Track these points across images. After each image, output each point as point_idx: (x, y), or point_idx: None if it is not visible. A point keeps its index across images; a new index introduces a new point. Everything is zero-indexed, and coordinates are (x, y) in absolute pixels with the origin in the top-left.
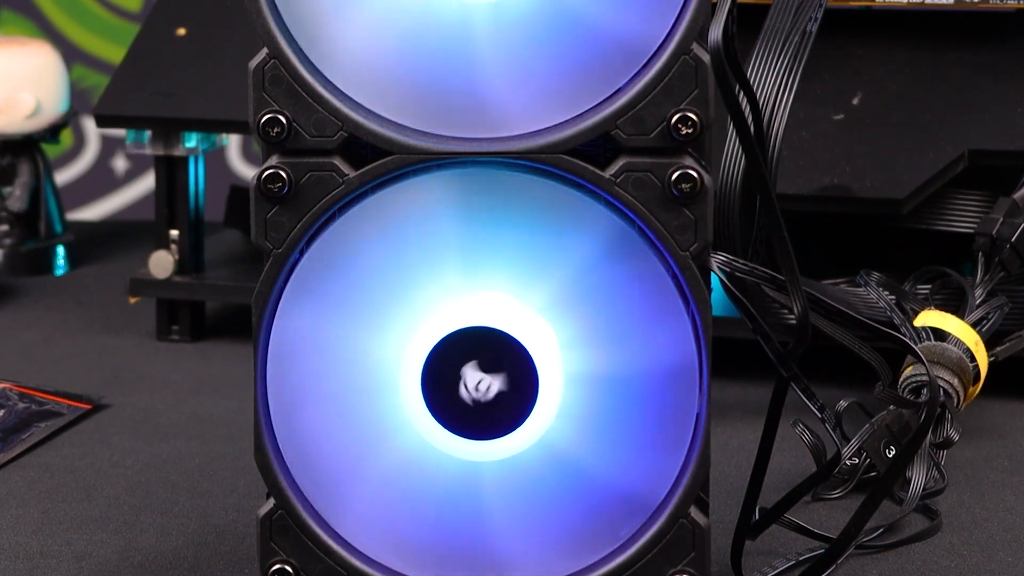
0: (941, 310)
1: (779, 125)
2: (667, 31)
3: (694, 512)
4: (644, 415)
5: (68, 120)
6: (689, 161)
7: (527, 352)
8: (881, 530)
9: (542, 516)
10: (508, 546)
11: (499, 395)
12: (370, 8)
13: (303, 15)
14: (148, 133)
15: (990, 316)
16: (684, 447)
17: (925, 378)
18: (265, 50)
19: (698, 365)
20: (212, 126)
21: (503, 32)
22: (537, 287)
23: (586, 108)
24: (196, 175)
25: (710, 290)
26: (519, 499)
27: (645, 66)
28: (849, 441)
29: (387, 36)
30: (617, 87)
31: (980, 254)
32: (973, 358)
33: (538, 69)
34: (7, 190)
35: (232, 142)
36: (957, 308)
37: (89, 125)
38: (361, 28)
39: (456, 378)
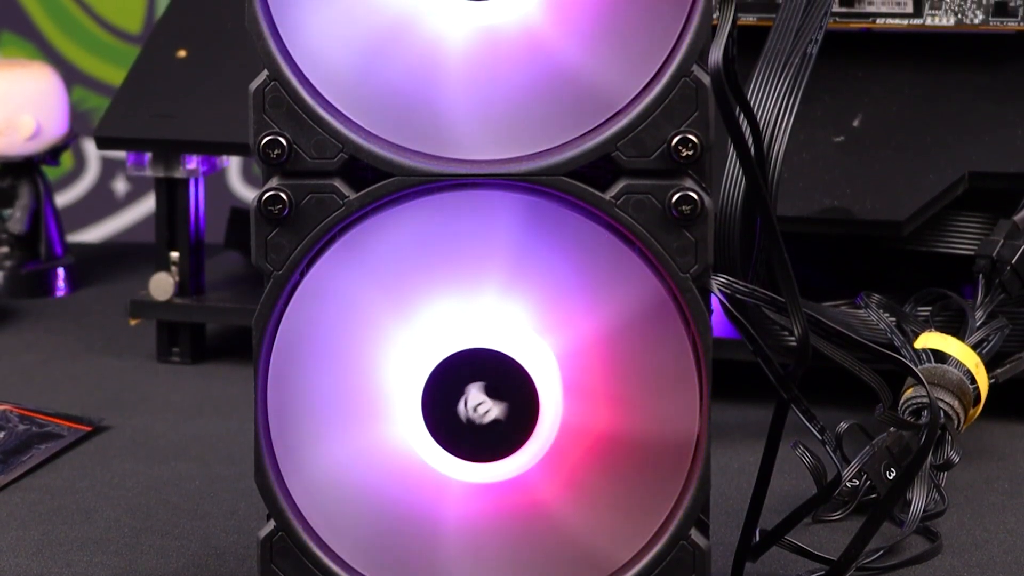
0: (941, 332)
1: (779, 147)
2: (667, 54)
3: (694, 534)
4: (644, 433)
5: (68, 142)
6: (689, 183)
7: (524, 369)
8: (881, 552)
9: (544, 538)
10: (501, 572)
11: (495, 423)
12: (371, 31)
13: (303, 37)
14: (149, 155)
15: (990, 338)
16: (685, 464)
17: (925, 400)
18: (265, 72)
19: (698, 386)
20: (212, 148)
21: (504, 55)
22: (537, 308)
23: (586, 130)
24: (196, 197)
25: (710, 312)
26: (521, 522)
27: (646, 88)
28: (849, 463)
29: (387, 58)
30: (617, 109)
31: (980, 276)
32: (973, 380)
33: (539, 91)
34: (7, 212)
35: (233, 164)
36: (957, 330)
37: (89, 147)
38: (362, 50)
39: (456, 401)
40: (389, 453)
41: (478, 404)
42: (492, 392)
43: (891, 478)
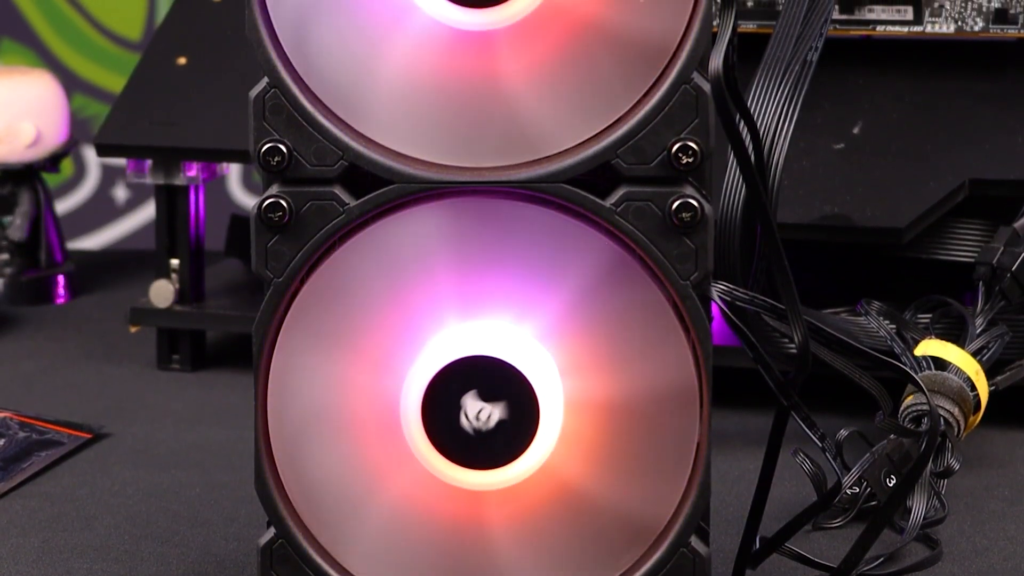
0: (942, 339)
1: (780, 154)
2: (667, 61)
3: (695, 541)
4: (645, 441)
5: (69, 149)
6: (689, 190)
7: (527, 380)
8: (881, 559)
9: (545, 545)
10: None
11: (500, 424)
12: (371, 38)
13: (304, 44)
14: (149, 162)
15: (991, 345)
16: (685, 472)
17: (926, 407)
18: (265, 79)
19: (699, 393)
20: (213, 155)
21: (503, 62)
22: (537, 315)
23: (586, 137)
24: (197, 204)
25: (711, 319)
26: (522, 528)
27: (646, 95)
28: (850, 470)
29: (387, 65)
30: (617, 116)
31: (981, 283)
32: (974, 387)
33: (539, 98)
34: (8, 219)
35: (233, 171)
36: (958, 337)
37: (90, 154)
38: (362, 57)
39: (457, 407)
40: (389, 460)
41: (479, 411)
42: (489, 396)
43: (891, 485)
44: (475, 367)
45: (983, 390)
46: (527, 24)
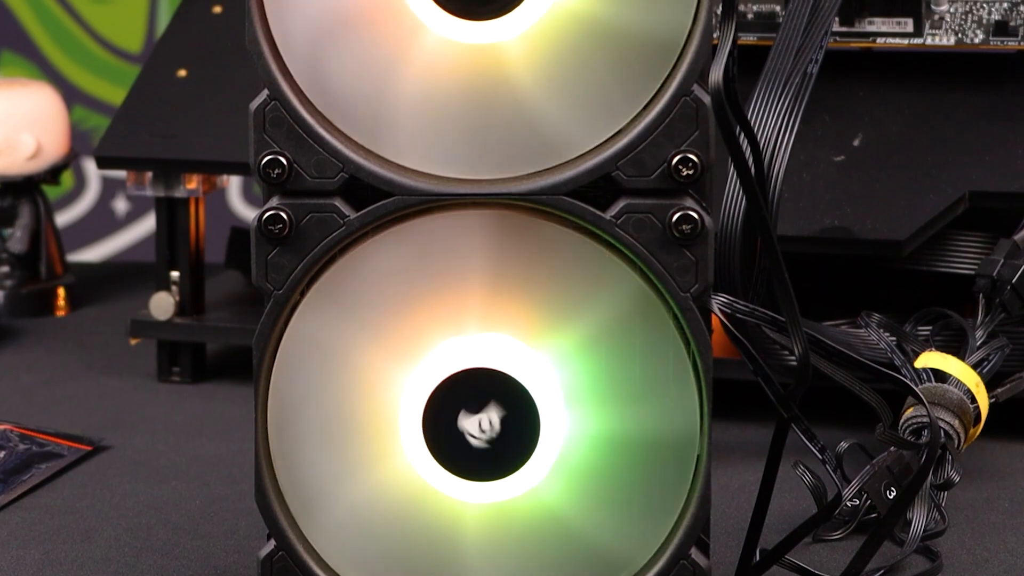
0: (942, 351)
1: (780, 166)
2: (667, 73)
3: (695, 553)
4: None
5: (69, 162)
6: (690, 202)
7: (531, 398)
8: (882, 571)
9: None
10: None
11: (505, 437)
12: (371, 50)
13: (304, 57)
14: (149, 174)
15: (991, 358)
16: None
17: (926, 419)
18: (266, 91)
19: (699, 406)
20: (213, 167)
21: (504, 75)
22: (544, 334)
23: (587, 149)
24: (197, 216)
25: (711, 331)
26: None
27: (646, 107)
28: (850, 482)
29: (388, 77)
30: (618, 128)
31: (981, 296)
32: (974, 399)
33: (539, 110)
34: (8, 232)
35: (233, 183)
36: (958, 350)
37: (90, 167)
38: (362, 69)
39: (456, 417)
40: (390, 472)
41: (479, 422)
42: (479, 407)
43: (891, 497)
44: (477, 380)
45: (983, 402)
46: (528, 37)
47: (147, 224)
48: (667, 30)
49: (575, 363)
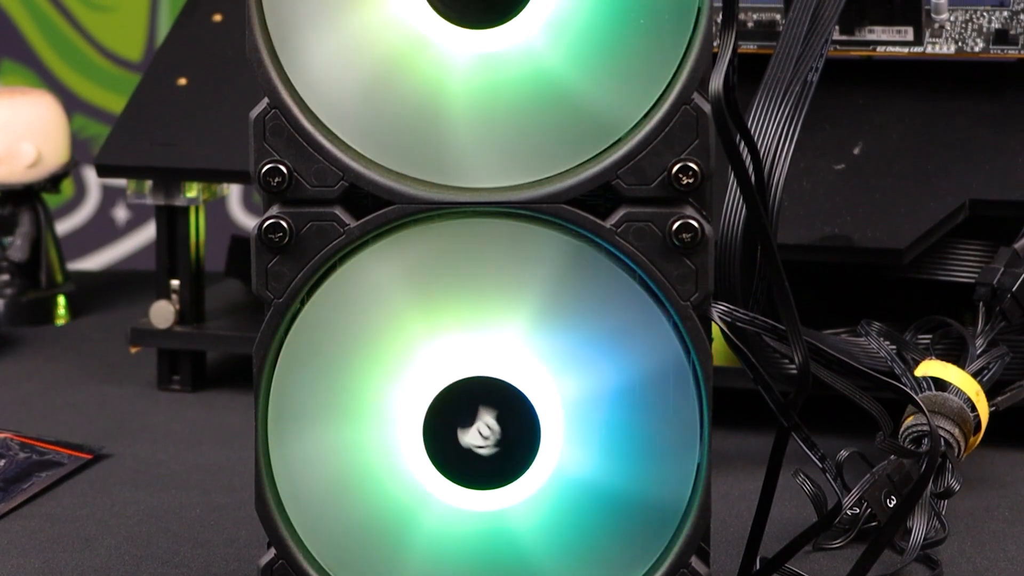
0: (942, 360)
1: (780, 175)
2: (667, 82)
3: (695, 562)
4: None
5: (69, 170)
6: (690, 211)
7: (527, 397)
8: None
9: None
10: None
11: (504, 441)
12: (372, 58)
13: (304, 65)
14: (149, 183)
15: (991, 366)
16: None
17: (926, 428)
18: (266, 100)
19: (699, 415)
20: (213, 176)
21: (504, 83)
22: (541, 340)
23: (587, 158)
24: (197, 225)
25: (711, 340)
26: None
27: (646, 116)
28: (850, 491)
29: (388, 86)
30: (618, 137)
31: (981, 304)
32: (974, 408)
33: (540, 119)
34: (8, 240)
35: (233, 192)
36: (958, 358)
37: (90, 175)
38: (362, 78)
39: (456, 426)
40: (391, 482)
41: (478, 431)
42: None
43: (892, 506)
44: (476, 389)
45: (983, 411)
46: (527, 46)
47: (147, 232)
48: (666, 38)
49: (574, 370)
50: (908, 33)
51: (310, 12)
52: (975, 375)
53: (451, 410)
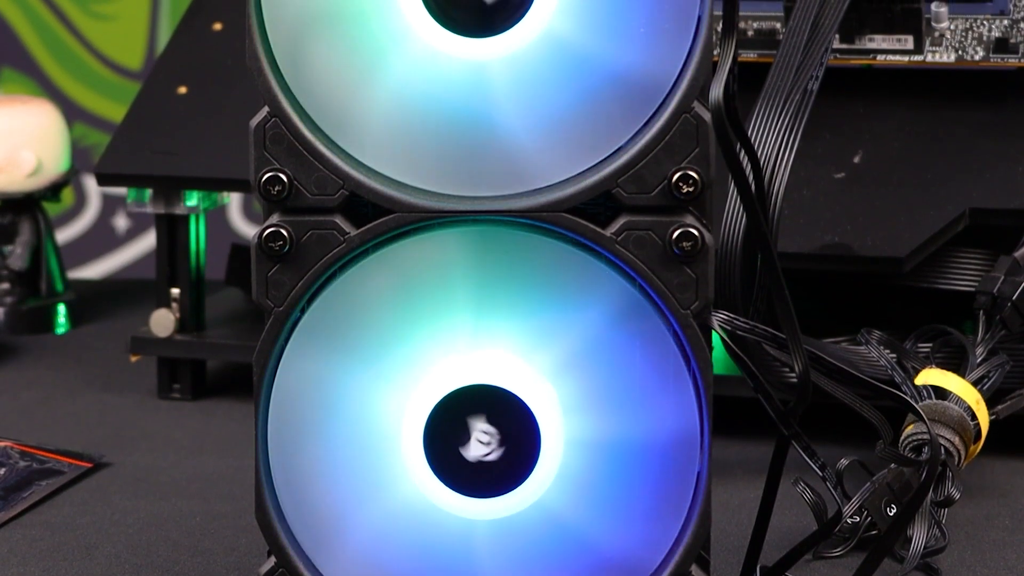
0: (942, 368)
1: (780, 183)
2: (668, 90)
3: (695, 571)
4: (644, 483)
5: (69, 179)
6: (690, 219)
7: (531, 412)
8: None
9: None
10: None
11: (500, 454)
12: (371, 67)
13: (304, 73)
14: (149, 191)
15: (991, 375)
16: (682, 517)
17: (926, 436)
18: (266, 108)
19: (699, 424)
20: (213, 184)
21: (504, 91)
22: (540, 348)
23: (587, 167)
24: (197, 233)
25: (711, 348)
26: (512, 561)
27: (646, 124)
28: (850, 499)
29: (388, 95)
30: (618, 145)
31: (981, 312)
32: (974, 416)
33: (539, 128)
34: (8, 248)
35: (233, 200)
36: (958, 367)
37: (90, 183)
38: (362, 87)
39: (457, 437)
40: (391, 489)
41: (477, 440)
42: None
43: (892, 514)
44: (477, 397)
45: (983, 419)
46: (527, 54)
47: (147, 241)
48: (666, 46)
49: (573, 377)
50: (908, 42)
51: (310, 21)
52: (975, 384)
53: (452, 418)
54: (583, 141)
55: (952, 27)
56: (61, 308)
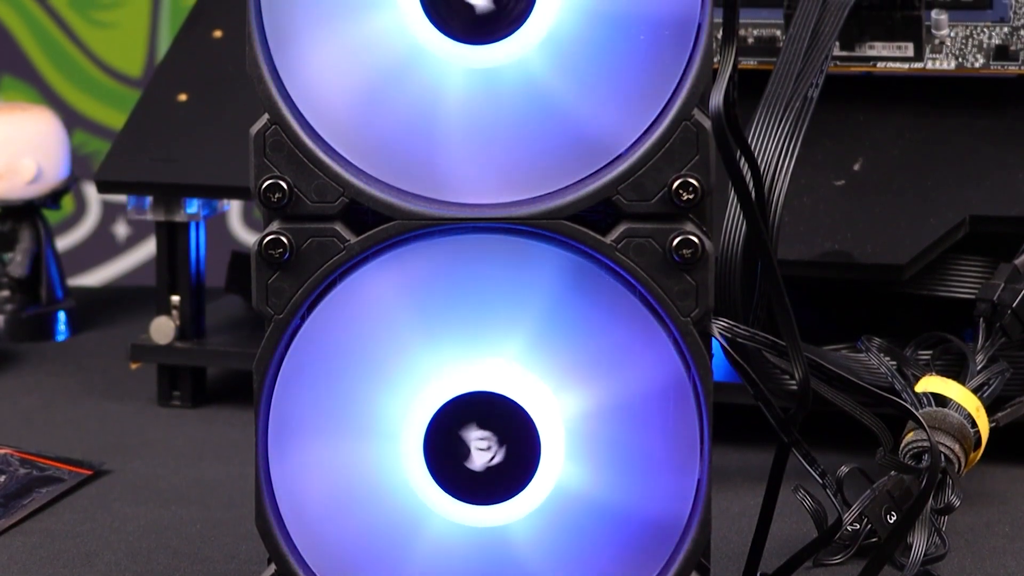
0: (942, 376)
1: (780, 191)
2: (669, 95)
3: None
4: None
5: (69, 186)
6: (690, 227)
7: (527, 412)
8: None
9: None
10: None
11: (505, 456)
12: (372, 74)
13: (304, 81)
14: (149, 199)
15: (991, 382)
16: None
17: (926, 444)
18: (266, 116)
19: (699, 430)
20: (213, 192)
21: (504, 99)
22: (541, 356)
23: (587, 174)
24: (197, 241)
25: (711, 356)
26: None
27: (646, 132)
28: (850, 507)
29: (388, 102)
30: (618, 153)
31: (981, 320)
32: (974, 424)
33: (539, 135)
34: (8, 256)
35: (233, 208)
36: (958, 374)
37: (90, 191)
38: (362, 94)
39: (457, 443)
40: (392, 497)
41: (476, 448)
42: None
43: (892, 522)
44: (478, 403)
45: (984, 427)
46: (527, 61)
47: (148, 248)
48: (667, 53)
49: (574, 386)
50: (908, 49)
51: (310, 28)
52: (975, 391)
53: (451, 426)
54: (584, 149)
55: (952, 34)
56: (61, 315)
